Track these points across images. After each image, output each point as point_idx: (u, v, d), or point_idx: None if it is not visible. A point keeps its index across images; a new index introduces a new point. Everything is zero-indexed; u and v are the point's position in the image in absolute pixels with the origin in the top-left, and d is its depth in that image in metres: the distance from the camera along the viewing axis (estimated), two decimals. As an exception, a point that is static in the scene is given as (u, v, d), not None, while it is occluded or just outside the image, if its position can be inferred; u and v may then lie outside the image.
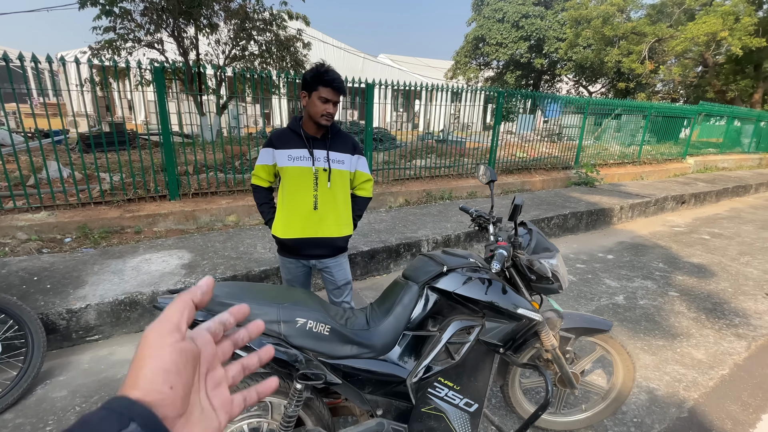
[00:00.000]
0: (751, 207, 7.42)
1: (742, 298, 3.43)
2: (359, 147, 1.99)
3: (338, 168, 1.88)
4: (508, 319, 1.52)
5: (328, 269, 1.98)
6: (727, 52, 13.17)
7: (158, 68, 3.83)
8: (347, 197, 1.97)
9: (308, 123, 1.83)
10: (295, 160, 1.82)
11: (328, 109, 1.74)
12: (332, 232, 1.90)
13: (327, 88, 1.70)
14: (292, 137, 1.84)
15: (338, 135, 1.91)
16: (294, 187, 1.84)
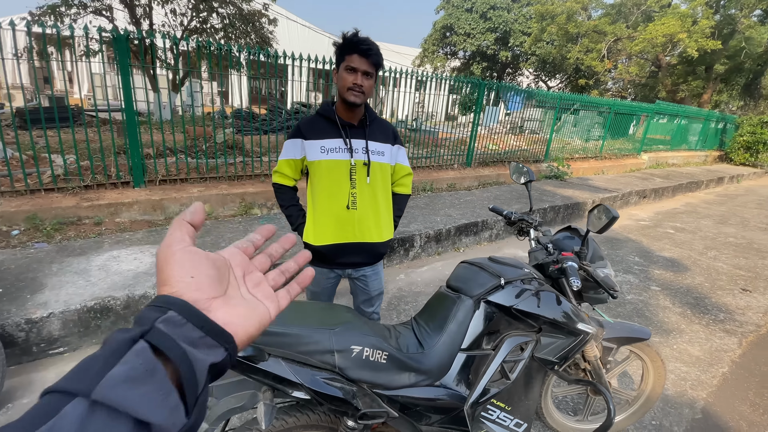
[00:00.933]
0: (704, 202, 8.01)
1: (720, 293, 3.64)
2: (399, 136, 1.73)
3: (378, 160, 1.60)
4: (565, 334, 1.41)
5: (364, 278, 1.74)
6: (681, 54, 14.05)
7: (122, 36, 3.32)
8: (388, 195, 1.70)
9: (341, 107, 1.56)
10: (329, 152, 1.55)
11: (356, 80, 1.45)
12: (373, 236, 1.63)
13: (352, 55, 1.43)
14: (325, 125, 1.57)
15: (376, 122, 1.65)
16: (328, 185, 1.56)
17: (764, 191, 10.25)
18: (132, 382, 0.26)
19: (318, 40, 19.38)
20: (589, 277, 1.41)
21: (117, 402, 0.25)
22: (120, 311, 2.28)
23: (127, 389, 0.26)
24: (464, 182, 6.38)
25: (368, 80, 1.48)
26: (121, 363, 0.27)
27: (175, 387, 0.28)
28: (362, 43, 1.42)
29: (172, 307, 0.31)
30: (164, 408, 0.27)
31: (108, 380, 0.26)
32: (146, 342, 0.29)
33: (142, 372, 0.27)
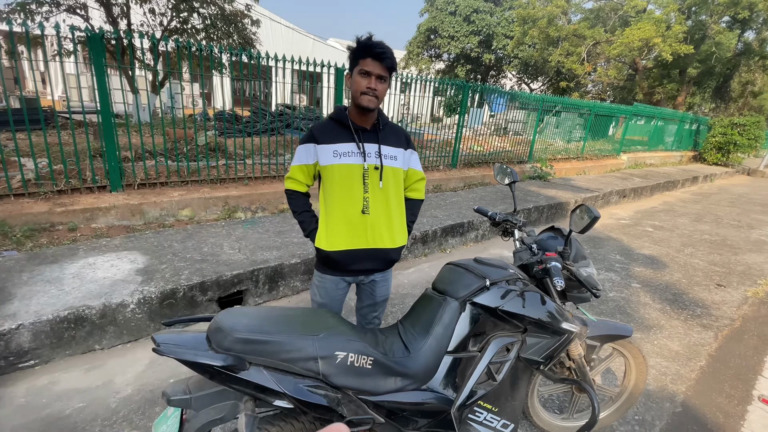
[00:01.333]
0: (681, 201, 8.26)
1: (697, 288, 3.74)
2: (411, 141, 1.71)
3: (391, 165, 1.59)
4: (550, 334, 1.42)
5: (372, 284, 1.71)
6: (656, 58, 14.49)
7: (96, 35, 3.22)
8: (401, 200, 1.68)
9: (354, 111, 1.54)
10: (342, 156, 1.52)
11: (370, 84, 1.43)
12: (386, 241, 1.60)
13: (366, 59, 1.41)
14: (338, 129, 1.55)
15: (389, 126, 1.63)
16: (340, 189, 1.54)
17: (736, 190, 10.64)
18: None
19: (302, 41, 19.26)
20: (572, 277, 1.42)
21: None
22: (96, 321, 2.20)
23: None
24: (450, 183, 6.41)
25: (382, 84, 1.46)
26: None
27: None
28: (376, 46, 1.41)
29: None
30: None
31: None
32: None
33: None
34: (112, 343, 2.28)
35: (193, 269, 2.69)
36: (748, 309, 3.42)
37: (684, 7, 14.95)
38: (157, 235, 3.26)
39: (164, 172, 4.20)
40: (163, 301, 2.42)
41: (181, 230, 3.42)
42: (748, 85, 21.19)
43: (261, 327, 1.06)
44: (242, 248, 3.12)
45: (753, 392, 2.33)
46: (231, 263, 2.83)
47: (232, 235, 3.39)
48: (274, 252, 3.08)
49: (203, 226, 3.58)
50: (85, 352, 2.21)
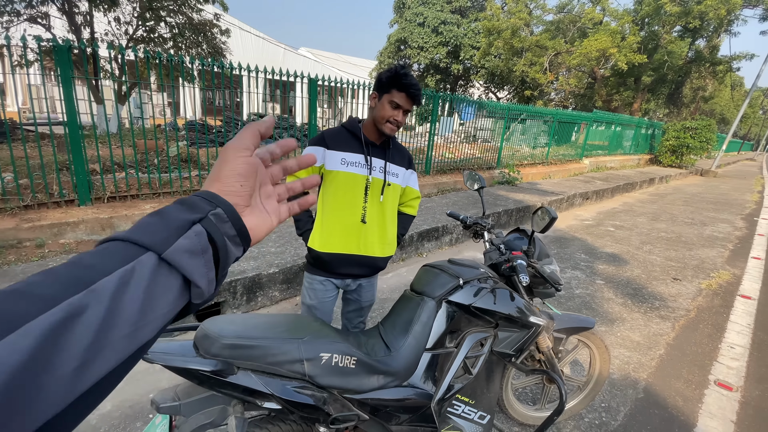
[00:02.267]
0: (639, 201, 8.76)
1: (655, 283, 4.01)
2: (413, 162, 1.83)
3: (393, 181, 1.69)
4: (519, 328, 1.53)
5: (359, 289, 1.79)
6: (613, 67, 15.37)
7: (63, 46, 3.15)
8: (395, 214, 1.79)
9: (370, 127, 1.63)
10: (350, 165, 1.60)
11: (396, 117, 1.54)
12: (376, 251, 1.70)
13: (402, 93, 1.51)
14: (349, 139, 1.62)
15: (396, 147, 1.74)
16: (342, 196, 1.62)
17: (689, 189, 11.40)
18: (191, 253, 0.34)
19: (273, 51, 19.18)
20: (537, 273, 1.54)
21: (179, 264, 0.33)
22: (69, 338, 2.15)
23: (188, 257, 0.33)
24: (424, 189, 6.56)
25: (405, 116, 1.58)
26: (184, 237, 0.34)
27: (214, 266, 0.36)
28: (413, 87, 1.51)
29: (220, 205, 0.38)
30: (206, 278, 0.35)
31: (177, 247, 0.33)
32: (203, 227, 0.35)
33: (199, 249, 0.34)
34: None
35: (169, 282, 2.66)
36: (702, 300, 3.69)
37: (638, 18, 15.98)
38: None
39: (135, 184, 4.11)
40: (140, 315, 2.38)
41: (154, 243, 3.36)
42: (699, 90, 22.79)
43: (247, 332, 1.11)
44: (219, 260, 3.10)
45: (709, 377, 2.53)
46: (208, 275, 2.82)
47: (209, 247, 3.37)
48: (252, 262, 3.08)
49: (178, 239, 3.54)
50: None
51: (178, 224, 0.34)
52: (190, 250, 0.33)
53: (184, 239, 0.33)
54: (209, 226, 0.36)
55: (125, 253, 0.31)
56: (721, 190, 11.65)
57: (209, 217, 0.36)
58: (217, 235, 0.36)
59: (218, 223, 0.37)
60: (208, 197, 0.38)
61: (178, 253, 0.32)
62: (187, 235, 0.34)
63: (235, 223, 0.38)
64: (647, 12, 15.33)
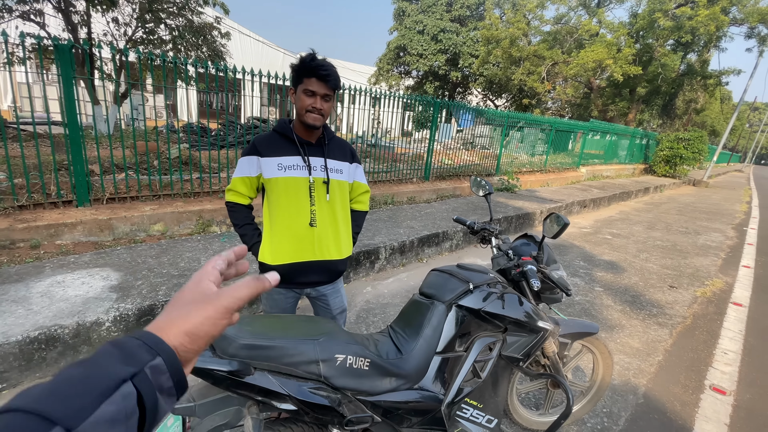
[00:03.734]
0: (635, 210, 8.86)
1: (652, 290, 4.05)
2: (356, 155, 1.76)
3: (337, 178, 1.62)
4: (527, 333, 1.54)
5: (324, 297, 1.72)
6: (608, 78, 15.60)
7: (65, 46, 3.14)
8: (347, 212, 1.72)
9: (300, 126, 1.56)
10: (287, 169, 1.53)
11: (314, 104, 1.46)
12: (332, 253, 1.63)
13: (311, 78, 1.43)
14: (282, 142, 1.56)
15: (334, 141, 1.67)
16: (286, 202, 1.55)
17: (683, 199, 11.55)
18: (112, 423, 0.28)
19: (272, 55, 19.24)
20: (546, 279, 1.55)
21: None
22: (69, 340, 2.12)
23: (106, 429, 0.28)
24: (423, 195, 6.59)
25: (327, 103, 1.50)
26: (108, 402, 0.29)
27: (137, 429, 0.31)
28: (321, 68, 1.42)
29: (161, 353, 0.34)
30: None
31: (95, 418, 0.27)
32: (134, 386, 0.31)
33: (123, 416, 0.29)
34: (87, 363, 2.20)
35: (171, 284, 2.64)
36: (697, 307, 3.74)
37: (633, 31, 16.27)
38: (130, 250, 3.17)
39: (134, 185, 4.08)
40: (141, 317, 2.36)
41: (154, 245, 3.34)
42: (691, 102, 23.18)
43: (263, 333, 1.11)
44: (220, 262, 3.08)
45: (705, 382, 2.56)
46: (210, 277, 2.80)
47: (209, 249, 3.35)
48: (254, 266, 3.06)
49: (177, 241, 3.51)
50: (58, 373, 2.11)
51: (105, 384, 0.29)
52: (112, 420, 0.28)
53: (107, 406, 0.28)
54: (142, 385, 0.31)
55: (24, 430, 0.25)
56: (713, 200, 11.82)
57: (144, 372, 0.31)
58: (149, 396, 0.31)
59: (154, 376, 0.32)
60: (150, 343, 0.33)
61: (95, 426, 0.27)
62: (111, 399, 0.29)
63: (174, 373, 0.34)
64: (642, 25, 15.62)
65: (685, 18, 14.08)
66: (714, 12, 13.46)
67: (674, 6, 14.81)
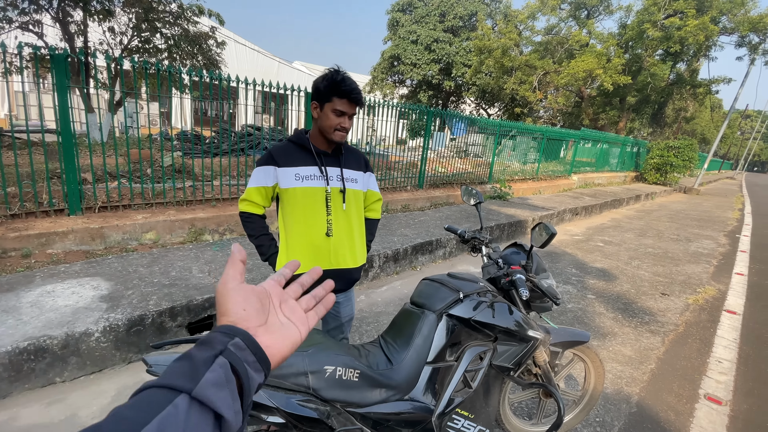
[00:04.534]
0: (626, 218, 8.95)
1: (644, 298, 4.08)
2: (369, 164, 1.80)
3: (353, 187, 1.65)
4: (518, 342, 1.55)
5: (336, 305, 1.74)
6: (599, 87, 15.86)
7: (61, 55, 3.15)
8: (362, 221, 1.75)
9: (318, 137, 1.59)
10: (305, 179, 1.56)
11: (343, 123, 1.52)
12: (348, 262, 1.65)
13: (343, 100, 1.48)
14: (299, 153, 1.58)
15: (349, 151, 1.70)
16: (303, 212, 1.57)
17: (674, 206, 11.69)
18: (218, 386, 0.35)
19: (267, 63, 19.34)
20: (535, 288, 1.56)
21: (209, 400, 0.34)
22: (57, 351, 2.09)
23: (215, 391, 0.34)
24: (417, 203, 6.62)
25: (350, 121, 1.56)
26: (210, 371, 0.35)
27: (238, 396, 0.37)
28: (353, 92, 1.48)
29: (237, 335, 0.40)
30: (233, 410, 0.36)
31: (204, 383, 0.34)
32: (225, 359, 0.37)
33: (224, 380, 0.36)
34: (75, 375, 2.17)
35: (161, 294, 2.62)
36: (690, 315, 3.77)
37: (622, 42, 16.60)
38: (121, 259, 3.15)
39: (127, 194, 4.07)
40: (131, 328, 2.34)
41: (146, 254, 3.32)
42: (680, 111, 23.59)
43: None
44: (212, 271, 3.07)
45: (699, 391, 2.57)
46: (201, 287, 2.79)
47: (201, 258, 3.33)
48: (246, 274, 3.06)
49: (169, 250, 3.49)
50: (46, 385, 2.09)
51: (203, 360, 0.36)
52: (216, 383, 0.35)
53: (210, 373, 0.35)
54: (231, 357, 0.38)
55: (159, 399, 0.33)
56: (704, 208, 11.97)
57: (229, 348, 0.38)
58: (238, 364, 0.38)
59: (237, 351, 0.39)
60: (224, 330, 0.40)
61: (206, 388, 0.34)
62: (212, 368, 0.35)
63: (252, 348, 0.40)
64: (631, 36, 15.94)
65: (674, 28, 14.39)
66: (703, 22, 13.77)
67: (663, 17, 15.14)
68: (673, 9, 15.00)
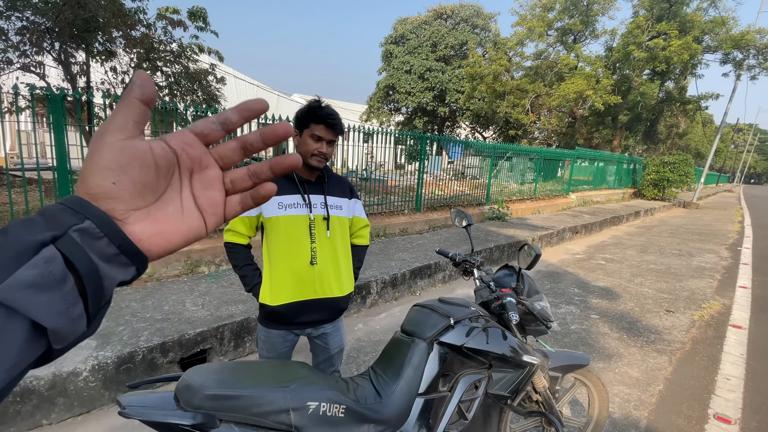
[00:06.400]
0: (627, 234, 8.90)
1: (649, 316, 3.99)
2: (355, 190, 1.80)
3: (337, 214, 1.65)
4: (513, 368, 1.50)
5: (324, 336, 1.69)
6: (590, 107, 16.18)
7: (57, 96, 3.23)
8: (347, 248, 1.73)
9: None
10: (288, 207, 1.56)
11: (321, 149, 1.52)
12: (334, 290, 1.62)
13: (320, 125, 1.50)
14: (282, 181, 1.58)
15: (333, 178, 1.71)
16: (286, 241, 1.56)
17: (674, 221, 11.65)
18: (38, 288, 0.26)
19: (267, 97, 19.84)
20: (527, 310, 1.53)
21: (19, 305, 0.25)
22: (44, 392, 2.03)
23: (32, 294, 0.25)
24: (415, 226, 6.61)
25: (330, 147, 1.57)
26: (28, 266, 0.25)
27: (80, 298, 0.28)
28: (329, 117, 1.51)
29: (90, 217, 0.28)
30: (67, 317, 0.27)
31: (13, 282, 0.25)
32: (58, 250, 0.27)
33: (51, 281, 0.26)
34: (62, 417, 2.10)
35: (153, 329, 2.57)
36: (696, 332, 3.67)
37: (609, 63, 17.07)
38: (114, 294, 3.10)
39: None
40: (120, 366, 2.28)
41: (140, 288, 3.28)
42: (673, 127, 23.94)
43: (230, 382, 1.06)
44: (206, 304, 3.03)
45: (708, 411, 2.47)
46: (194, 320, 2.74)
47: (195, 291, 3.29)
48: (240, 306, 3.01)
49: (164, 283, 3.46)
50: (32, 428, 2.01)
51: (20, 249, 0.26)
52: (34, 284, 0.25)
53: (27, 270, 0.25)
54: (69, 248, 0.27)
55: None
56: (704, 221, 11.93)
57: (69, 235, 0.27)
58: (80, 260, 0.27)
59: (87, 241, 0.28)
60: (74, 205, 0.28)
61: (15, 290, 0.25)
62: (32, 263, 0.26)
63: (115, 238, 0.29)
64: (617, 57, 16.41)
65: (659, 49, 14.83)
66: (686, 41, 14.21)
67: (647, 38, 15.64)
68: (656, 30, 15.51)
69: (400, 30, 22.55)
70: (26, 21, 7.45)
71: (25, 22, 7.44)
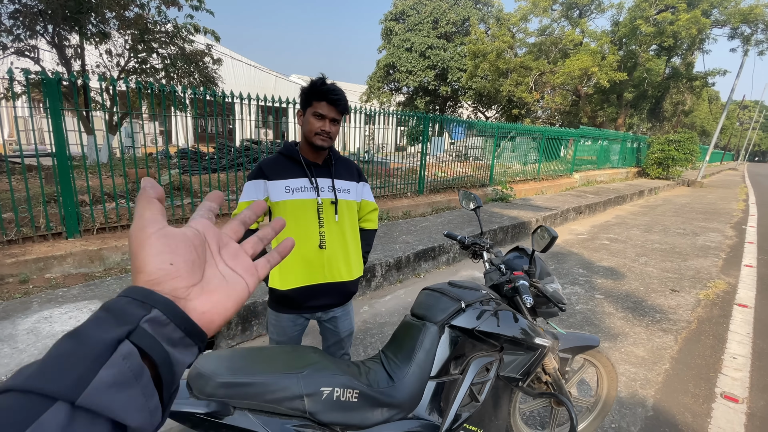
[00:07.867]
0: (631, 214, 8.85)
1: (654, 295, 3.99)
2: (363, 174, 1.75)
3: (345, 198, 1.60)
4: (525, 350, 1.49)
5: (333, 320, 1.68)
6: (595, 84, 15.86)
7: (53, 80, 3.15)
8: (356, 232, 1.70)
9: (305, 147, 1.55)
10: (295, 191, 1.52)
11: (324, 127, 1.47)
12: (343, 275, 1.60)
13: (321, 102, 1.45)
14: (288, 165, 1.55)
15: (341, 161, 1.66)
16: (294, 225, 1.52)
17: (678, 200, 11.57)
18: (119, 386, 0.25)
19: (264, 78, 19.50)
20: (539, 293, 1.51)
21: (103, 407, 0.24)
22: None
23: (114, 394, 0.25)
24: (418, 209, 6.57)
25: (335, 126, 1.51)
26: (107, 366, 0.25)
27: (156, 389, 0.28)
28: (332, 92, 1.45)
29: (156, 305, 0.30)
30: (146, 411, 0.27)
31: (96, 385, 0.24)
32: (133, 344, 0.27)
33: (130, 377, 0.26)
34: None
35: (160, 315, 2.57)
36: (701, 311, 3.67)
37: (616, 39, 16.64)
38: (120, 280, 3.11)
39: (125, 214, 4.05)
40: (130, 351, 2.29)
41: (145, 274, 3.28)
42: (678, 105, 23.54)
43: (243, 369, 1.05)
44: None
45: (715, 390, 2.48)
46: (201, 305, 2.74)
47: (201, 276, 3.29)
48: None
49: (169, 269, 3.46)
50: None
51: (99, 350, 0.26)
52: (115, 383, 0.25)
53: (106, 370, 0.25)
54: (143, 341, 0.28)
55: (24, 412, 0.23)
56: (709, 200, 11.85)
57: (141, 327, 0.28)
58: (155, 350, 0.28)
59: (155, 330, 0.29)
60: (139, 296, 0.30)
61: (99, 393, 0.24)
62: (111, 362, 0.25)
63: (179, 322, 0.30)
64: (624, 33, 15.98)
65: (667, 23, 14.42)
66: (695, 15, 13.80)
67: (655, 12, 15.18)
68: (665, 4, 15.05)
69: (401, 6, 21.94)
70: (18, 4, 7.24)
71: (17, 5, 7.24)
